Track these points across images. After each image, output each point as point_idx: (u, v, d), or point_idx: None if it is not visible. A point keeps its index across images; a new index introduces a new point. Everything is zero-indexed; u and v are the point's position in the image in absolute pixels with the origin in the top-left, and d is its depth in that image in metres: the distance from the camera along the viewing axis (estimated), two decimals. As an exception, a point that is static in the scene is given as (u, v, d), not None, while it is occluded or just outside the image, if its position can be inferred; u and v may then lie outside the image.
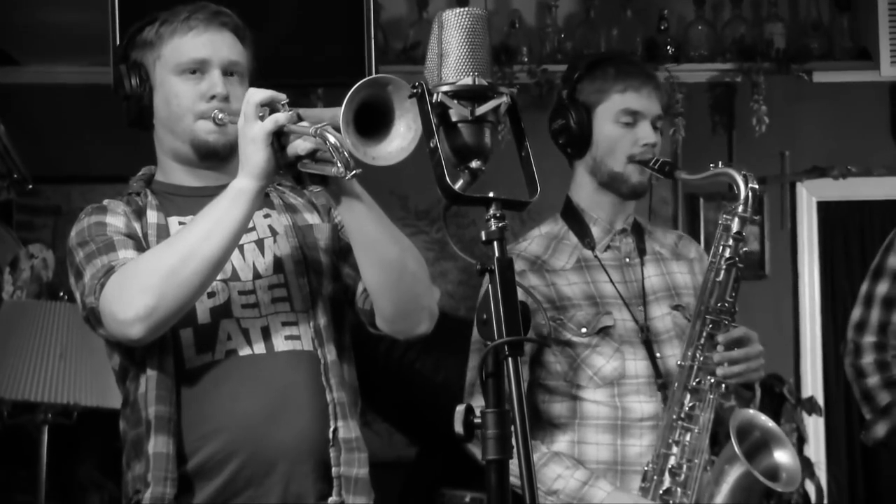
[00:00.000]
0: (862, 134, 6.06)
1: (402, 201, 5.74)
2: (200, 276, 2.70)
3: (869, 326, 3.88)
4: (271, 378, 2.84)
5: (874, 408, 3.84)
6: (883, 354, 3.86)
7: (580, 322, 3.39)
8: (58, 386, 4.74)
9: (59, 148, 5.71)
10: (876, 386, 3.85)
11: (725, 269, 3.33)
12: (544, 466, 3.34)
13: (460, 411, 2.29)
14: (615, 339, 3.39)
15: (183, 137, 2.92)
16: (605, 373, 3.38)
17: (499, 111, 2.37)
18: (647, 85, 3.45)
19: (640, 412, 3.37)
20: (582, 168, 3.49)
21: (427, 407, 5.53)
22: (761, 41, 5.91)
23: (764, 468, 3.26)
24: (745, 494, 3.26)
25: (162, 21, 2.93)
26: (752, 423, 3.30)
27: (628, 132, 3.42)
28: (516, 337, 2.26)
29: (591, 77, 3.46)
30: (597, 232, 3.48)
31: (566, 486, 3.31)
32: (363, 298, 2.92)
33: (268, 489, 2.81)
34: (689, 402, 3.31)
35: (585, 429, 3.39)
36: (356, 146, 2.46)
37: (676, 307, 3.49)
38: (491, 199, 2.33)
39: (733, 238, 3.35)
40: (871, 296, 3.89)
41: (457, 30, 2.35)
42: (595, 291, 3.43)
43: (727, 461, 3.25)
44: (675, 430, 3.31)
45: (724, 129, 5.98)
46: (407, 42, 5.82)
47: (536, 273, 3.43)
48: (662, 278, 3.51)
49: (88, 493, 5.47)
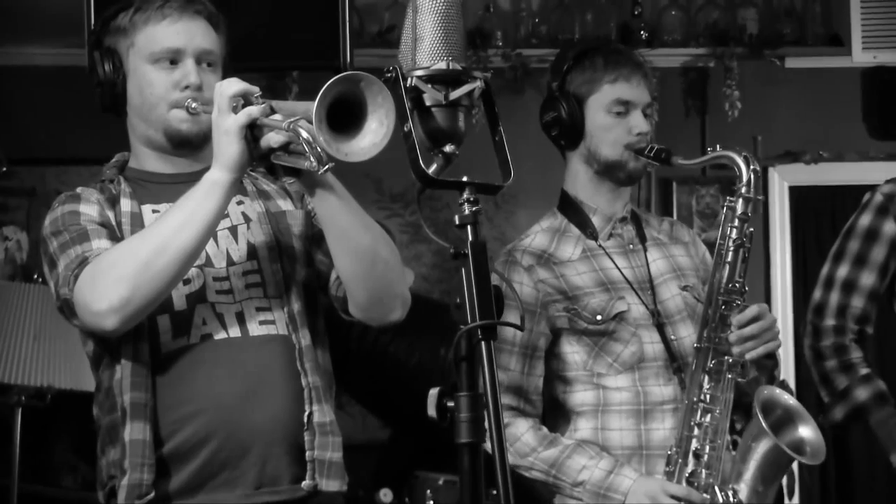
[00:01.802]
0: (834, 119, 6.08)
1: (377, 184, 5.73)
2: (174, 268, 2.70)
3: (828, 309, 3.89)
4: (246, 361, 2.83)
5: (832, 391, 3.85)
6: (841, 338, 3.87)
7: (594, 309, 3.40)
8: (32, 368, 4.73)
9: (34, 130, 5.69)
10: (834, 369, 3.86)
11: (733, 251, 3.35)
12: (568, 458, 3.35)
13: (433, 395, 2.29)
14: (631, 324, 3.40)
15: (156, 126, 2.91)
16: (625, 358, 3.39)
17: (473, 95, 2.37)
18: (636, 74, 3.46)
19: (661, 395, 3.39)
20: (576, 159, 3.50)
21: (400, 390, 5.54)
22: (734, 26, 5.93)
23: (788, 442, 3.28)
24: (773, 468, 3.29)
25: (136, 8, 2.92)
26: (775, 400, 3.34)
27: (621, 121, 3.43)
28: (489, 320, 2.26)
29: (581, 68, 3.46)
30: (597, 221, 3.49)
31: (592, 477, 3.32)
32: (336, 285, 2.92)
33: (243, 471, 2.81)
34: (708, 384, 3.33)
35: (608, 415, 3.40)
36: (328, 142, 2.46)
37: (685, 288, 3.51)
38: (465, 183, 2.33)
39: (739, 219, 3.37)
40: (831, 279, 3.90)
41: (431, 14, 2.35)
42: (605, 278, 3.44)
43: (753, 438, 3.28)
44: (695, 412, 3.32)
45: (697, 113, 6.00)
46: (382, 25, 5.82)
47: (544, 266, 3.44)
48: (667, 261, 3.53)
49: (62, 475, 5.47)
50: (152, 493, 2.77)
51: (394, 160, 2.48)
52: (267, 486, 2.82)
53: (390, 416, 5.75)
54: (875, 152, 6.02)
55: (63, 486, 5.47)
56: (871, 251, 3.83)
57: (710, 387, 3.33)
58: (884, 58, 5.75)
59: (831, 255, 3.91)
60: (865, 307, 3.86)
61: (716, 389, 3.33)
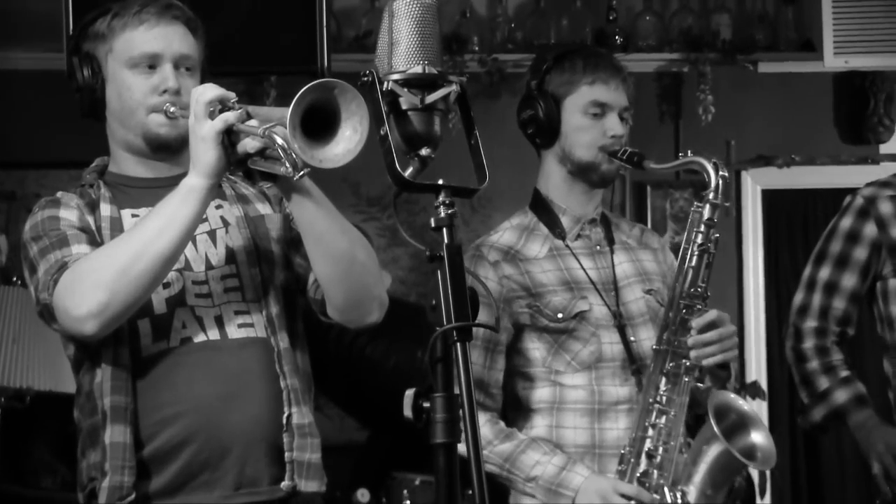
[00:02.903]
0: (806, 124, 6.10)
1: (354, 188, 5.73)
2: (153, 273, 2.70)
3: (810, 311, 3.90)
4: (226, 364, 2.84)
5: (812, 392, 3.87)
6: (823, 340, 3.88)
7: (556, 307, 3.41)
8: (11, 370, 4.72)
9: (13, 133, 5.67)
10: (815, 371, 3.87)
11: (698, 255, 3.37)
12: (522, 454, 3.36)
13: (409, 395, 2.30)
14: (591, 324, 3.41)
15: (135, 130, 2.90)
16: (583, 357, 3.40)
17: (449, 99, 2.38)
18: (615, 77, 3.47)
19: (617, 395, 3.40)
20: (551, 158, 3.51)
21: (377, 391, 5.55)
22: (708, 32, 5.94)
23: (740, 448, 3.29)
24: (723, 473, 3.30)
25: (114, 13, 2.91)
26: (728, 405, 3.34)
27: (596, 123, 3.44)
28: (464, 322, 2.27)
29: (560, 69, 3.48)
30: (566, 222, 3.50)
31: (544, 472, 3.33)
32: (314, 288, 2.92)
33: (223, 473, 2.81)
34: (665, 386, 3.34)
35: (563, 413, 3.41)
36: (303, 149, 2.48)
37: (649, 291, 3.52)
38: (440, 187, 2.33)
39: (705, 224, 3.37)
40: (813, 281, 3.91)
41: (407, 19, 2.36)
42: (569, 278, 3.45)
43: (705, 441, 3.29)
44: (651, 413, 3.33)
45: (671, 118, 6.01)
46: (360, 30, 5.82)
47: (510, 263, 3.45)
48: (633, 265, 3.54)
49: (41, 476, 5.46)
50: (133, 494, 2.77)
51: (371, 164, 2.48)
52: (246, 487, 2.83)
53: (367, 418, 5.76)
54: (846, 156, 6.04)
55: (42, 487, 5.46)
56: (853, 253, 3.85)
57: (667, 389, 3.34)
58: (855, 63, 5.77)
59: (813, 257, 3.92)
60: (847, 309, 3.87)
61: (672, 392, 3.34)
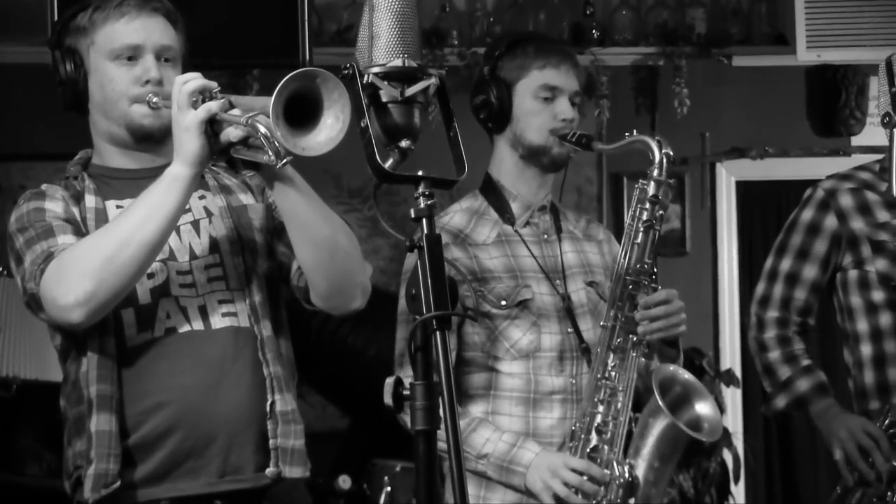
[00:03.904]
0: (779, 116, 6.11)
1: (336, 180, 5.73)
2: (138, 261, 2.70)
3: (772, 302, 3.90)
4: (210, 353, 2.84)
5: (775, 381, 3.86)
6: (784, 330, 3.89)
7: (500, 295, 3.40)
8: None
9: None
10: (777, 360, 3.87)
11: (643, 232, 3.35)
12: (473, 432, 3.35)
13: (390, 383, 2.31)
14: (533, 313, 3.40)
15: (119, 121, 2.90)
16: (522, 345, 3.39)
17: (428, 92, 2.38)
18: (565, 62, 3.46)
19: (552, 386, 3.39)
20: (503, 142, 3.50)
21: (359, 380, 5.55)
22: (683, 26, 5.95)
23: (687, 420, 3.29)
24: (670, 446, 3.29)
25: (95, 7, 2.91)
26: (673, 378, 3.34)
27: (547, 107, 3.43)
28: (445, 311, 2.27)
29: (512, 55, 3.47)
30: (516, 208, 3.49)
31: (495, 449, 3.32)
32: (298, 276, 2.92)
33: (208, 460, 2.81)
34: (613, 362, 3.34)
35: (500, 400, 3.40)
36: (286, 137, 2.48)
37: (591, 283, 3.51)
38: (420, 178, 2.34)
39: (650, 201, 3.37)
40: (774, 272, 3.91)
41: (387, 13, 2.36)
42: (515, 265, 3.44)
43: (651, 415, 3.28)
44: (600, 389, 3.33)
45: (647, 110, 6.02)
46: (340, 24, 5.81)
47: (459, 246, 3.43)
48: (577, 255, 3.53)
49: (27, 463, 5.45)
50: (118, 482, 2.77)
51: (352, 156, 2.48)
52: (231, 474, 2.83)
53: (349, 406, 5.76)
54: (819, 148, 6.06)
55: (28, 473, 5.45)
56: (814, 245, 3.84)
57: (615, 364, 3.34)
58: (827, 56, 5.77)
59: (774, 249, 3.93)
60: (808, 299, 3.87)
61: (620, 367, 3.34)
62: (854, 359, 3.83)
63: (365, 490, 5.46)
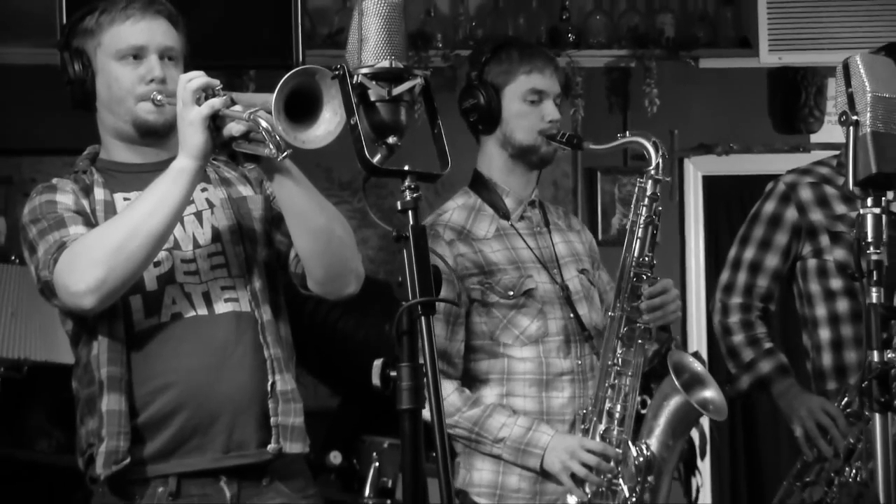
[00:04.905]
0: (743, 115, 6.11)
1: (327, 173, 5.72)
2: (145, 250, 2.70)
3: (736, 288, 3.92)
4: (213, 337, 2.84)
5: (739, 363, 3.88)
6: (747, 315, 3.90)
7: (506, 286, 3.42)
8: (9, 342, 4.70)
9: (10, 123, 5.63)
10: (741, 343, 3.89)
11: (643, 227, 3.40)
12: (489, 417, 3.37)
13: (377, 365, 2.32)
14: (538, 301, 3.43)
15: (125, 118, 2.90)
16: (531, 332, 3.42)
17: (414, 92, 2.38)
18: (549, 66, 3.49)
19: (561, 367, 3.42)
20: (492, 143, 3.51)
21: (348, 361, 5.55)
22: (653, 30, 5.95)
23: (696, 401, 3.32)
24: (682, 424, 3.35)
25: (101, 10, 2.91)
26: (684, 364, 3.39)
27: (534, 109, 3.46)
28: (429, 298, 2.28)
29: (498, 60, 3.48)
30: (510, 203, 3.51)
31: (511, 434, 3.35)
32: (295, 263, 2.92)
33: (213, 437, 2.82)
34: (621, 349, 3.37)
35: (514, 383, 3.43)
36: (286, 131, 2.48)
37: (582, 271, 3.55)
38: (406, 172, 2.34)
39: (649, 199, 3.40)
40: (738, 261, 3.92)
41: (375, 17, 2.36)
42: (516, 257, 3.46)
43: (665, 396, 3.34)
44: (609, 375, 3.37)
45: (619, 109, 6.02)
46: (332, 28, 5.80)
47: (464, 242, 3.45)
48: (566, 245, 3.56)
49: (38, 440, 5.44)
50: (128, 459, 2.78)
51: (342, 150, 2.48)
52: (235, 450, 2.84)
53: (339, 386, 5.75)
54: (780, 145, 6.07)
55: (38, 450, 5.44)
56: (775, 236, 3.86)
57: (623, 352, 3.38)
58: (788, 59, 5.79)
59: (738, 239, 3.94)
60: (770, 286, 3.89)
61: (627, 354, 3.38)
62: (813, 342, 3.84)
63: (354, 465, 5.46)
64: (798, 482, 3.69)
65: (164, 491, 2.81)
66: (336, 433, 5.55)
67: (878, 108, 2.70)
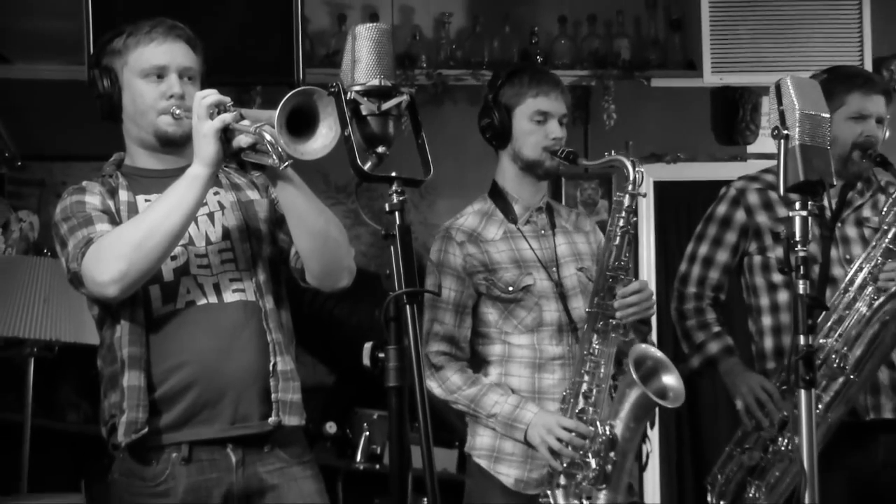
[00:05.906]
0: (689, 128, 6.11)
1: (324, 178, 5.71)
2: (163, 247, 2.71)
3: (691, 279, 3.93)
4: (223, 322, 2.85)
5: (691, 344, 3.90)
6: (700, 303, 3.92)
7: (507, 282, 3.46)
8: (42, 325, 4.69)
9: (43, 132, 5.61)
10: (693, 327, 3.91)
11: (620, 236, 3.40)
12: (484, 396, 3.42)
13: (367, 348, 2.33)
14: (535, 295, 3.46)
15: (147, 129, 2.91)
16: (528, 322, 3.45)
17: (401, 107, 2.39)
18: (554, 90, 3.50)
19: (553, 353, 3.46)
20: (505, 157, 3.56)
21: (343, 344, 5.56)
22: (611, 53, 5.94)
23: (655, 389, 3.33)
24: (642, 410, 3.34)
25: (128, 33, 2.92)
26: (645, 354, 3.37)
27: (540, 128, 3.48)
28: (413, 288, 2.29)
29: (511, 83, 3.51)
30: (518, 209, 3.55)
31: (502, 410, 3.40)
32: (295, 259, 2.94)
33: (220, 411, 2.83)
34: (596, 341, 3.39)
35: (512, 365, 3.47)
36: (288, 143, 2.49)
37: (581, 269, 3.56)
38: (393, 178, 2.35)
39: (626, 210, 3.40)
40: (693, 255, 3.94)
41: (367, 41, 2.37)
42: (519, 256, 3.49)
43: (627, 385, 3.32)
44: (586, 362, 3.39)
45: (581, 122, 6.00)
46: (329, 49, 5.78)
47: (473, 243, 3.50)
48: (569, 246, 3.58)
49: (67, 412, 5.43)
50: (146, 428, 2.79)
51: (338, 157, 2.49)
52: (240, 422, 2.85)
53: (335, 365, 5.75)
54: (721, 154, 6.07)
55: (68, 420, 5.43)
56: (726, 235, 3.88)
57: (598, 343, 3.39)
58: (728, 80, 5.78)
59: (695, 237, 3.96)
60: (720, 278, 3.91)
61: (602, 345, 3.39)
62: (756, 328, 3.87)
63: (347, 434, 5.48)
64: (738, 448, 3.71)
65: (177, 456, 2.82)
66: (332, 406, 5.56)
67: (805, 124, 2.71)
